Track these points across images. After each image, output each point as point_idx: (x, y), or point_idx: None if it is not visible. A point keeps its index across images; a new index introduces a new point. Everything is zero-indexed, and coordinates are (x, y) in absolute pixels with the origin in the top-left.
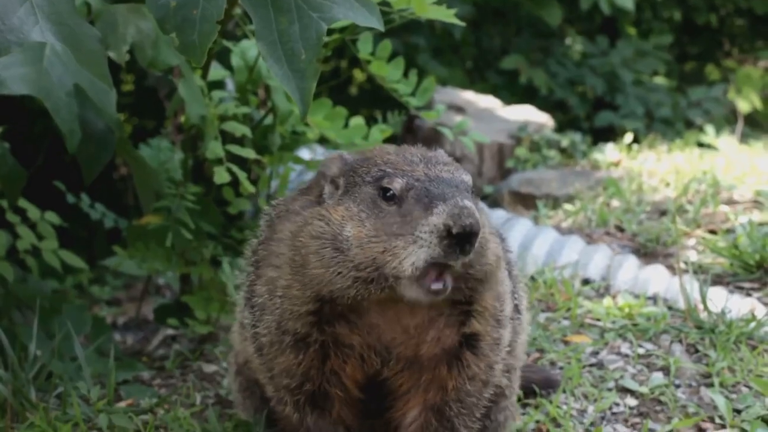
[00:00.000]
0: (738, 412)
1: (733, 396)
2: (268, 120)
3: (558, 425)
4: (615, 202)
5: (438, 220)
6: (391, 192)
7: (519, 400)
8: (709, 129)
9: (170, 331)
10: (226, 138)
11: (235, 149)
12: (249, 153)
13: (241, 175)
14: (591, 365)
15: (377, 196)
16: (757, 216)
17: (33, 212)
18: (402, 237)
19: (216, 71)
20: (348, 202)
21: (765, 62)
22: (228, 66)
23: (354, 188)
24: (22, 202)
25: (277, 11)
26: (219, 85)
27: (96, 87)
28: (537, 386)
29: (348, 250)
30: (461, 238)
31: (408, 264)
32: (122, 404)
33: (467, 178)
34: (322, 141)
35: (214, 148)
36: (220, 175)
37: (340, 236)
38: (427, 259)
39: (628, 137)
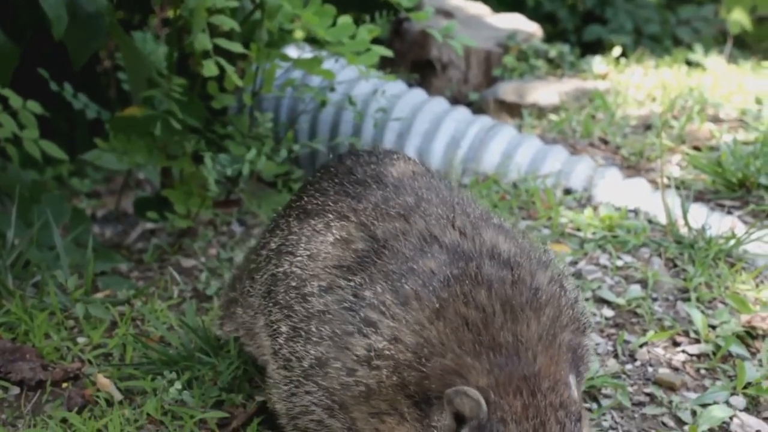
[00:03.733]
0: (713, 327)
1: (709, 311)
2: (257, 15)
3: None
4: (600, 115)
5: None
6: None
7: None
8: (698, 47)
9: (149, 225)
10: (214, 31)
11: (222, 43)
12: (236, 47)
13: (229, 68)
14: (570, 274)
15: None
16: (741, 135)
17: (15, 100)
18: None
19: None
20: None
21: None
22: None
23: None
24: (4, 90)
25: None
26: None
27: None
28: None
29: None
30: None
31: None
32: (99, 295)
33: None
34: (310, 41)
35: (202, 40)
36: (209, 68)
37: None
38: None
39: (617, 51)
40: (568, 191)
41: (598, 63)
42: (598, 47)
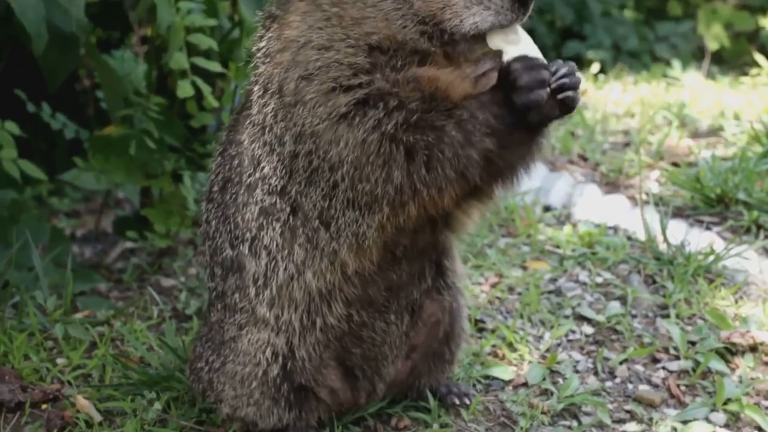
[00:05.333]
0: (692, 343)
1: (689, 328)
2: (235, 34)
3: (514, 350)
4: (579, 131)
5: None
6: None
7: (475, 324)
8: (676, 63)
9: (129, 244)
10: (192, 50)
11: (200, 62)
12: (214, 66)
13: (205, 89)
14: (549, 292)
15: None
16: (720, 150)
17: None
18: None
19: None
20: None
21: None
22: None
23: None
24: None
25: None
26: None
27: None
28: None
29: (411, 2)
30: (528, 3)
31: (469, 23)
32: (79, 315)
33: None
34: None
35: (178, 60)
36: (184, 89)
37: None
38: (493, 22)
39: (595, 67)
40: (547, 208)
41: None
42: (578, 63)
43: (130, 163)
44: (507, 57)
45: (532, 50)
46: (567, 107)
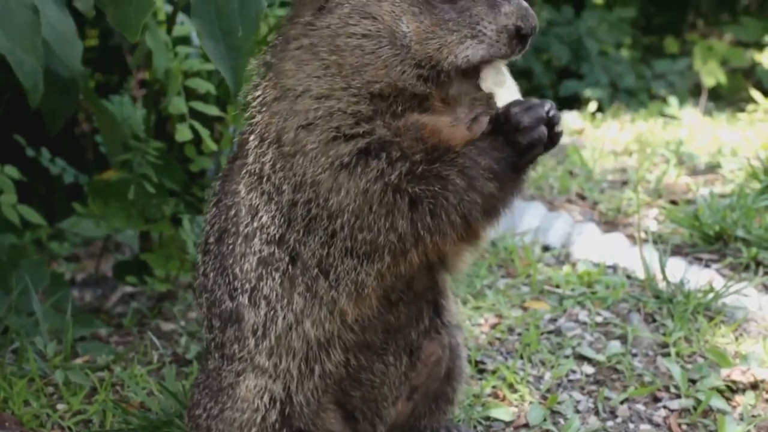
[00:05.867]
0: (693, 382)
1: (689, 366)
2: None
3: (515, 391)
4: (577, 170)
5: (508, 21)
6: None
7: (475, 365)
8: (673, 101)
9: (129, 289)
10: (190, 95)
11: (198, 106)
12: (212, 110)
13: (204, 133)
14: (549, 332)
15: None
16: (718, 187)
17: None
18: (458, 32)
19: (182, 27)
20: None
21: (730, 36)
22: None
23: None
24: None
25: None
26: (185, 40)
27: (62, 38)
28: None
29: (408, 47)
30: (525, 38)
31: (462, 56)
32: (79, 360)
33: None
34: None
35: (177, 104)
36: (182, 133)
37: (398, 32)
38: (485, 55)
39: (593, 106)
40: (546, 248)
41: (574, 118)
42: (575, 102)
43: (129, 207)
44: (500, 100)
45: (517, 92)
46: (552, 141)
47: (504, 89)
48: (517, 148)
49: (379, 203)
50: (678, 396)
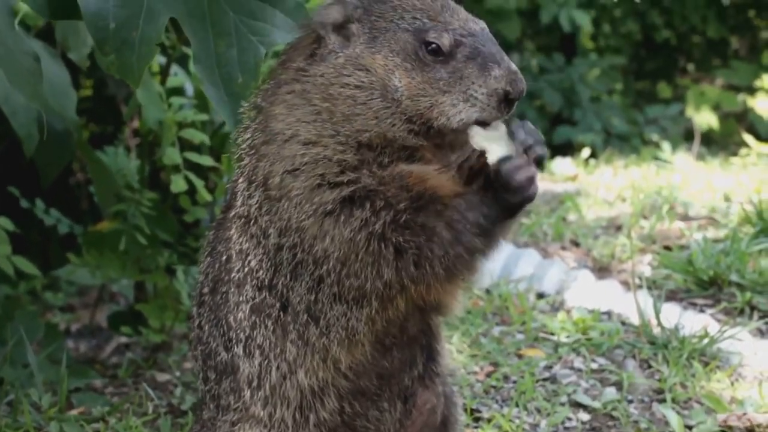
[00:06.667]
0: (689, 428)
1: (685, 412)
2: (227, 128)
3: None
4: (571, 217)
5: (497, 84)
6: (437, 46)
7: (471, 413)
8: (666, 146)
9: (124, 339)
10: (184, 145)
11: (192, 156)
12: (206, 161)
13: (198, 183)
14: (544, 379)
15: (419, 47)
16: (711, 233)
17: None
18: (449, 94)
19: (175, 78)
20: (383, 50)
21: (722, 80)
22: (188, 72)
23: (385, 35)
24: None
25: (217, 34)
26: (178, 91)
27: (57, 89)
28: None
29: (399, 101)
30: (513, 102)
31: (456, 120)
32: (74, 412)
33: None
34: None
35: (171, 155)
36: (177, 184)
37: (390, 86)
38: (478, 119)
39: (586, 152)
40: (541, 295)
41: (567, 165)
42: (568, 148)
43: (124, 257)
44: (491, 155)
45: (508, 144)
46: (539, 165)
47: (495, 143)
48: (507, 206)
49: (365, 251)
50: None
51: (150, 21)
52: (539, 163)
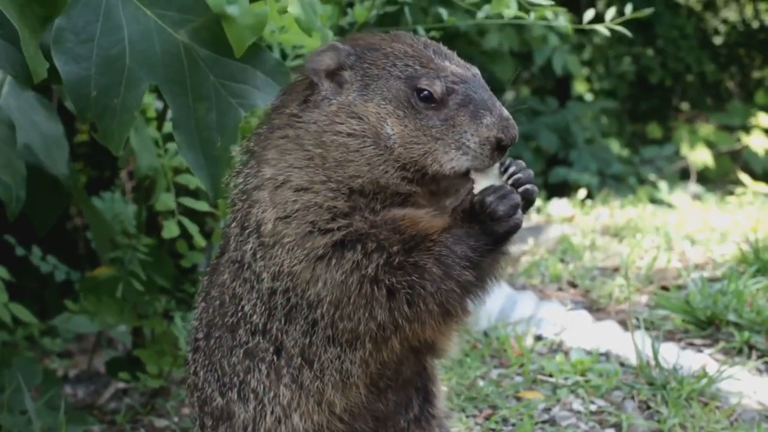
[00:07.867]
0: None
1: None
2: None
3: None
4: (568, 258)
5: (489, 132)
6: (429, 93)
7: None
8: (662, 185)
9: (122, 385)
10: (180, 190)
11: (188, 202)
12: (202, 206)
13: (193, 229)
14: (543, 422)
15: (411, 94)
16: (708, 272)
17: None
18: (442, 141)
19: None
20: (376, 98)
21: (716, 121)
22: None
23: (377, 82)
24: None
25: (196, 99)
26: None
27: (49, 142)
28: None
29: (392, 149)
30: (505, 149)
31: (449, 167)
32: None
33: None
34: None
35: (165, 200)
36: (170, 229)
37: (382, 134)
38: (470, 167)
39: (582, 193)
40: (538, 337)
41: (564, 206)
42: (564, 189)
43: (121, 303)
44: (477, 186)
45: (496, 176)
46: (528, 201)
47: (485, 178)
48: (493, 236)
49: (357, 294)
50: None
51: (131, 88)
52: (528, 200)
